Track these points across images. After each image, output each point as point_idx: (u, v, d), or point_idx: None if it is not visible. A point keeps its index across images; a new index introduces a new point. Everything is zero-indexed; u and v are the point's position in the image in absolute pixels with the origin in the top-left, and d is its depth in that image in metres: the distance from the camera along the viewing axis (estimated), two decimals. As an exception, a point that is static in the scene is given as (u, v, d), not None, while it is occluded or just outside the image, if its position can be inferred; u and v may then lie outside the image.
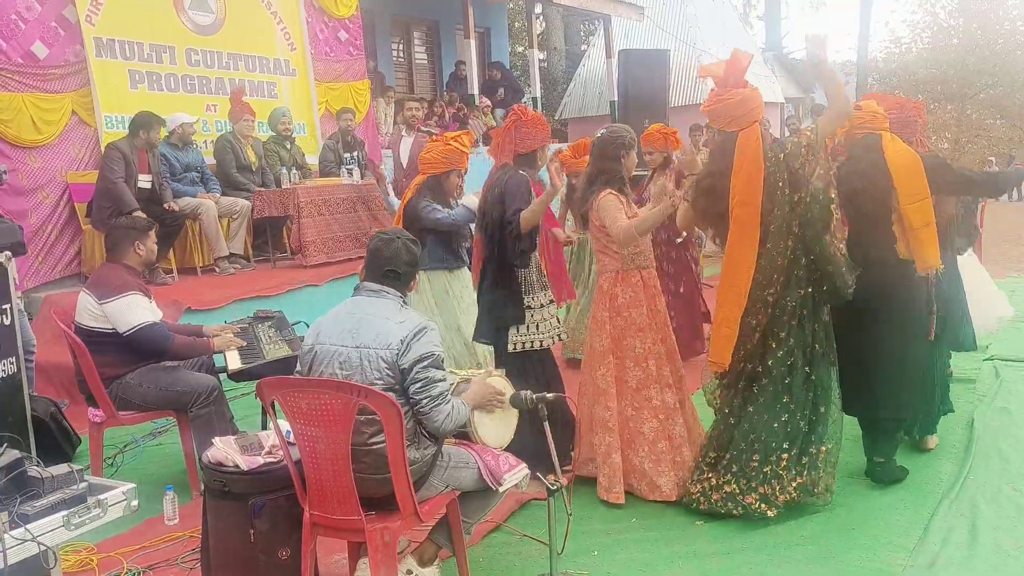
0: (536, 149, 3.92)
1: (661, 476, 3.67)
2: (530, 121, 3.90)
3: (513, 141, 3.89)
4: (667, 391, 3.73)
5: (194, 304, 5.88)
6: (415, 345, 2.64)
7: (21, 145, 6.30)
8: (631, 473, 3.72)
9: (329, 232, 7.23)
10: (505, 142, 3.91)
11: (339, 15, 9.19)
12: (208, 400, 3.84)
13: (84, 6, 6.75)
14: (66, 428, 4.45)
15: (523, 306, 3.85)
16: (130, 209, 6.03)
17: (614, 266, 3.74)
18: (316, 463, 2.61)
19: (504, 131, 3.93)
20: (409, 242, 2.86)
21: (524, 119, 3.89)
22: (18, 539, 1.91)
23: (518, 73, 16.86)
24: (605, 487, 3.68)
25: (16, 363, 3.20)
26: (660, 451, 3.68)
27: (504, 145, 3.92)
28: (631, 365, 3.71)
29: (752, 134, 3.38)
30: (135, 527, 3.46)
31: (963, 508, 3.52)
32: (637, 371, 3.71)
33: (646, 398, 3.71)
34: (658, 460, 3.68)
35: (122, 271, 3.87)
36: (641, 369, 3.71)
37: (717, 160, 3.52)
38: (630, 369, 3.71)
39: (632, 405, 3.72)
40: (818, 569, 3.11)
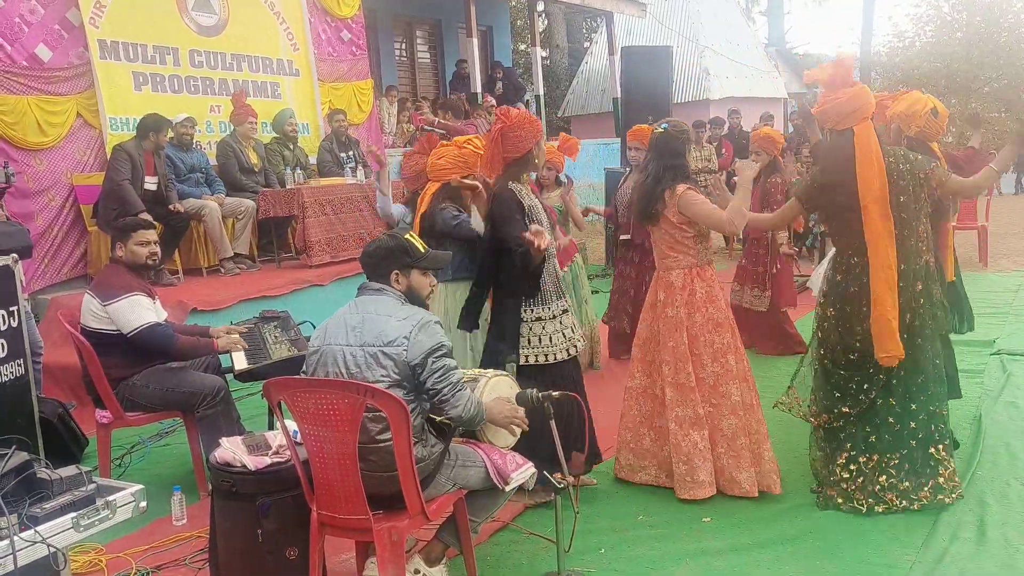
0: (530, 149, 3.60)
1: (741, 472, 3.64)
2: (516, 123, 3.56)
3: (502, 149, 3.57)
4: (744, 386, 3.70)
5: (200, 305, 5.89)
6: (421, 338, 2.64)
7: (26, 148, 6.31)
8: None
9: (333, 232, 7.24)
10: (494, 153, 3.59)
11: (342, 15, 9.20)
12: (215, 401, 3.85)
13: (88, 8, 6.77)
14: (74, 429, 4.46)
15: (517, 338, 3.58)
16: (136, 210, 6.04)
17: (688, 262, 3.67)
18: (323, 463, 2.62)
19: (491, 142, 3.60)
20: (385, 235, 2.94)
21: (509, 123, 3.55)
22: (28, 541, 1.92)
23: (520, 71, 16.84)
24: (708, 483, 3.61)
25: (24, 365, 3.20)
26: (739, 447, 3.64)
27: (494, 157, 3.61)
28: (708, 361, 3.65)
29: (867, 129, 3.44)
30: (143, 528, 3.48)
31: (971, 503, 3.51)
32: (715, 367, 3.66)
33: (724, 394, 3.66)
34: (737, 456, 3.64)
35: (124, 272, 3.88)
36: (720, 365, 3.66)
37: (833, 158, 3.54)
38: (707, 365, 3.65)
39: (710, 402, 3.66)
40: (826, 565, 3.10)
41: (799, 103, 4.19)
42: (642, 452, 3.82)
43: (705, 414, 3.65)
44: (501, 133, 3.57)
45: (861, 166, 3.38)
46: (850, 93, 3.45)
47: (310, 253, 7.06)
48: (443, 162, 4.09)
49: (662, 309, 3.71)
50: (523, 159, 3.61)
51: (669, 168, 3.64)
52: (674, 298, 3.67)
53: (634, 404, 3.85)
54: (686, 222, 3.61)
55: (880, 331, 3.41)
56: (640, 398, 3.83)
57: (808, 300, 7.87)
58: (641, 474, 3.83)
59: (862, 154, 3.39)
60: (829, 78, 3.50)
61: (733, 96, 16.71)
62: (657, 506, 3.66)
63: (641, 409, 3.82)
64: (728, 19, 19.25)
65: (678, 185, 3.61)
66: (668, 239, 3.68)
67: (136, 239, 3.91)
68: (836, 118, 3.48)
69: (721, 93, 16.95)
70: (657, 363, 3.75)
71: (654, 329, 3.76)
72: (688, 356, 3.64)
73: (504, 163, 3.61)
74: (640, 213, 3.75)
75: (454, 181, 4.00)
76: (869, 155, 3.38)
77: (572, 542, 3.03)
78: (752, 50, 19.58)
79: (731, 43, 18.52)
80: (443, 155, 4.11)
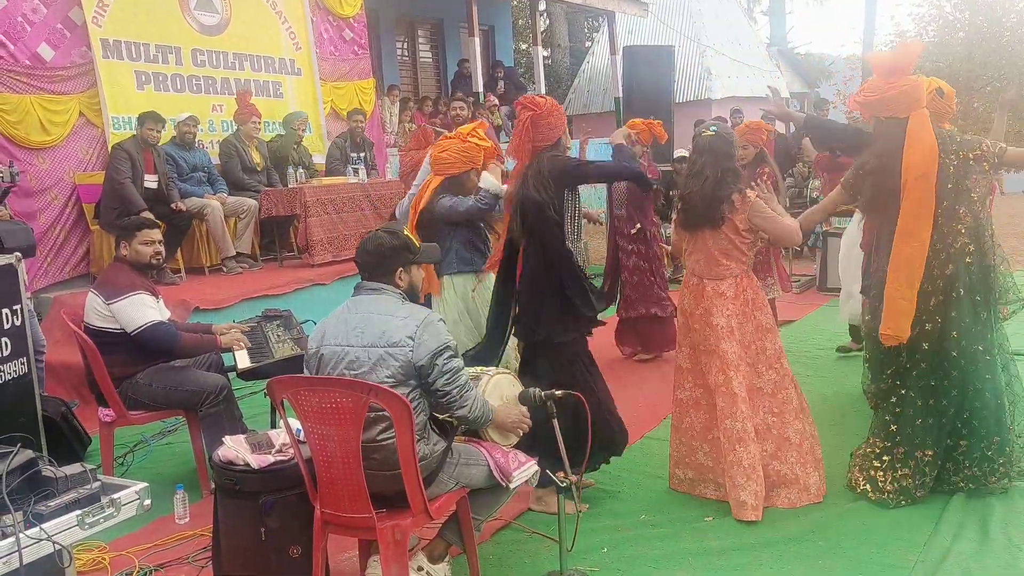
0: (559, 137, 3.60)
1: (810, 477, 3.57)
2: (546, 111, 3.55)
3: (532, 137, 3.55)
4: (797, 390, 3.64)
5: (202, 304, 5.90)
6: (426, 339, 2.64)
7: (29, 146, 6.33)
8: (778, 484, 3.56)
9: (335, 231, 7.25)
10: (523, 141, 3.58)
11: (343, 14, 9.20)
12: (217, 399, 3.85)
13: (91, 7, 6.78)
14: (77, 428, 4.47)
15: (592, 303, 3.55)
16: (138, 209, 6.06)
17: (739, 270, 3.58)
18: (327, 461, 2.62)
19: (521, 129, 3.58)
20: (382, 232, 2.84)
21: (540, 111, 3.54)
22: (33, 538, 1.92)
23: (522, 71, 16.84)
24: (752, 505, 3.42)
25: (27, 363, 3.21)
26: (806, 452, 3.58)
27: (522, 145, 3.59)
28: (764, 369, 3.56)
29: (923, 116, 3.45)
30: (146, 526, 3.48)
31: (974, 503, 3.51)
32: (771, 374, 3.57)
33: (785, 400, 3.57)
34: (805, 462, 3.57)
35: (128, 271, 3.88)
36: (775, 371, 3.57)
37: (883, 143, 3.53)
38: (764, 373, 3.56)
39: (772, 411, 3.56)
40: (829, 564, 3.10)
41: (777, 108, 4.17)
42: (697, 466, 3.70)
43: (771, 424, 3.55)
44: (532, 121, 3.52)
45: (910, 145, 3.39)
46: (914, 82, 3.45)
47: (312, 252, 7.07)
48: (447, 155, 4.01)
49: (706, 317, 3.58)
50: (553, 148, 3.57)
51: (728, 171, 3.54)
52: (725, 307, 3.55)
53: (685, 416, 3.73)
54: (749, 229, 3.54)
55: (890, 306, 3.40)
56: (692, 410, 3.71)
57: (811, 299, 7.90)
58: (700, 487, 3.71)
59: (913, 138, 3.39)
60: (890, 65, 3.49)
61: (735, 96, 16.69)
62: (660, 505, 3.66)
63: (694, 421, 3.70)
64: (730, 19, 19.23)
65: (747, 191, 3.53)
66: (725, 245, 3.55)
67: (140, 238, 3.91)
68: (896, 105, 3.46)
69: (723, 93, 16.94)
70: (702, 372, 3.65)
71: (699, 339, 3.63)
72: (739, 365, 3.52)
73: (533, 152, 3.57)
74: (699, 218, 3.57)
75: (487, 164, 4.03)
76: (920, 136, 3.39)
77: (575, 541, 3.03)
78: (754, 50, 19.57)
79: (733, 43, 18.51)
80: (447, 148, 4.03)
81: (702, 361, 3.63)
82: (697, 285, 3.64)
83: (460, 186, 4.03)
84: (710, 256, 3.59)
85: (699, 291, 3.63)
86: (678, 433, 3.77)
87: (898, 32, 17.76)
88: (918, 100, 3.45)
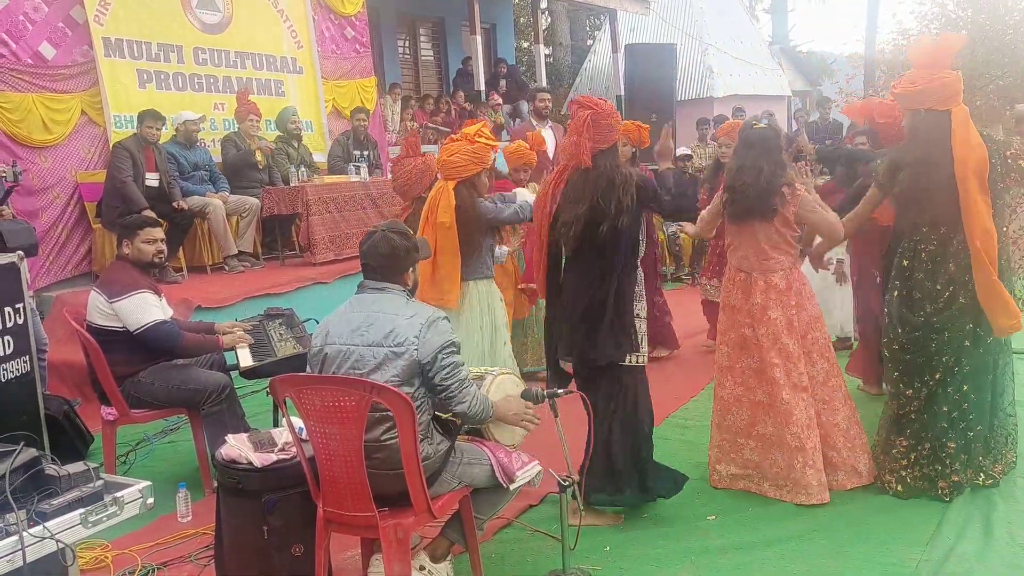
0: (616, 140, 3.40)
1: (859, 461, 3.66)
2: (607, 111, 3.36)
3: (591, 138, 3.33)
4: (843, 378, 3.70)
5: (204, 302, 5.90)
6: (431, 337, 2.64)
7: (31, 145, 6.32)
8: (829, 469, 3.62)
9: (337, 229, 7.25)
10: (582, 142, 3.33)
11: (345, 12, 9.20)
12: (220, 398, 3.85)
13: (92, 6, 6.77)
14: (79, 426, 4.47)
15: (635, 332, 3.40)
16: (139, 208, 6.06)
17: (789, 262, 3.62)
18: (329, 460, 2.62)
19: (580, 129, 3.34)
20: (392, 234, 2.80)
21: (601, 111, 3.34)
22: (37, 537, 1.93)
23: (523, 69, 16.82)
24: (818, 488, 3.51)
25: (30, 362, 3.21)
26: (854, 437, 3.66)
27: (581, 146, 3.33)
28: (817, 358, 3.63)
29: (965, 111, 3.48)
30: (148, 524, 3.48)
31: (977, 502, 3.51)
32: (823, 363, 3.64)
33: (835, 388, 3.65)
34: (853, 447, 3.66)
35: (131, 269, 3.88)
36: (826, 360, 3.65)
37: (925, 138, 3.54)
38: (816, 363, 3.63)
39: (822, 399, 3.63)
40: (831, 563, 3.10)
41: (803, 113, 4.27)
42: (744, 462, 3.73)
43: (820, 411, 3.60)
44: (592, 121, 3.31)
45: (959, 143, 3.40)
46: (955, 75, 3.47)
47: (314, 251, 7.07)
48: (456, 159, 3.83)
49: (761, 313, 3.59)
50: (609, 152, 3.38)
51: (779, 164, 3.56)
52: (779, 300, 3.58)
53: (728, 414, 3.76)
54: (796, 222, 3.57)
55: (990, 303, 3.42)
56: (734, 407, 3.74)
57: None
58: (744, 482, 3.74)
59: (960, 132, 3.41)
60: (931, 58, 3.51)
61: (737, 94, 16.67)
62: (662, 504, 3.65)
63: (737, 418, 3.73)
64: (732, 16, 19.19)
65: (796, 184, 3.55)
66: (775, 238, 3.57)
67: (143, 237, 3.90)
68: (937, 98, 3.48)
69: (725, 91, 16.91)
70: (755, 369, 3.66)
71: (747, 334, 3.65)
72: (800, 356, 3.58)
73: (591, 154, 3.34)
74: (749, 210, 3.56)
75: None
76: (967, 133, 3.41)
77: (578, 540, 3.03)
78: (756, 48, 19.53)
79: (735, 40, 18.47)
80: (455, 151, 3.84)
81: (753, 356, 3.65)
82: (745, 280, 3.65)
83: (473, 189, 3.86)
84: (759, 250, 3.60)
85: (749, 286, 3.64)
86: (721, 430, 3.79)
87: (900, 30, 17.73)
88: (957, 94, 3.48)
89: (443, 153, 3.92)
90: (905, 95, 3.60)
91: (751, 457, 3.72)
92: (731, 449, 3.77)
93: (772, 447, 3.64)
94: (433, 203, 3.84)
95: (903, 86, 3.59)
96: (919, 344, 3.56)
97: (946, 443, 3.53)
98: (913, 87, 3.54)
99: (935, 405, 3.56)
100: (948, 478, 3.52)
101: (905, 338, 3.59)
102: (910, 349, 3.58)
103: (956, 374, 3.54)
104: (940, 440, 3.54)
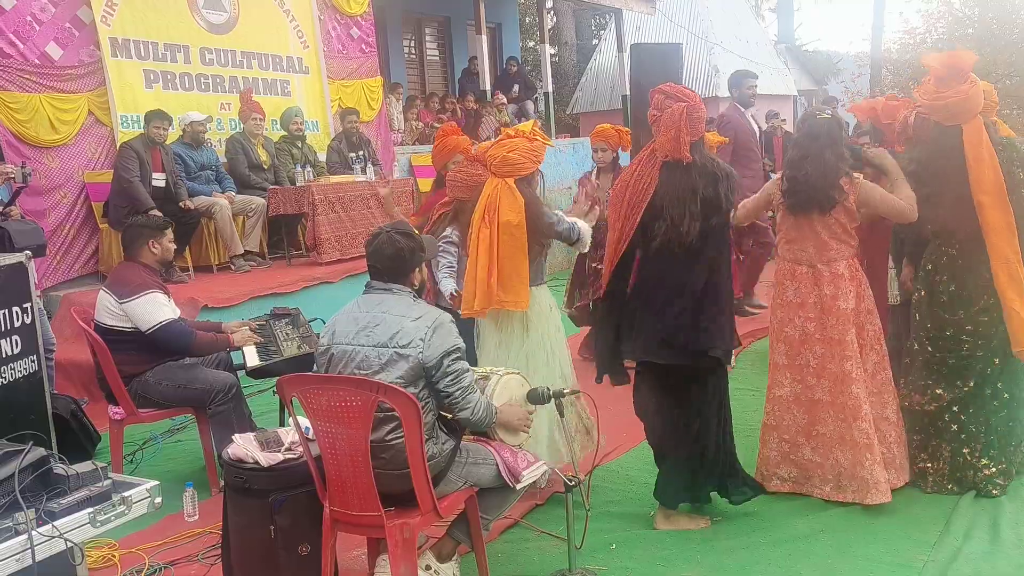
0: (704, 133, 3.31)
1: (904, 456, 3.61)
2: (698, 102, 3.23)
3: (689, 131, 3.18)
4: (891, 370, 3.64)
5: (210, 302, 5.92)
6: (436, 340, 2.65)
7: (39, 145, 6.34)
8: None
9: (343, 229, 7.26)
10: (681, 134, 3.17)
11: (351, 12, 9.20)
12: (227, 397, 3.87)
13: (99, 6, 6.79)
14: (86, 425, 4.49)
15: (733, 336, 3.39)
16: (146, 208, 6.08)
17: (850, 251, 3.54)
18: (336, 459, 2.62)
19: (677, 122, 3.17)
20: (397, 235, 2.79)
21: (694, 102, 3.21)
22: (46, 536, 1.94)
23: (529, 68, 16.82)
24: (885, 486, 3.43)
25: (37, 361, 3.23)
26: (900, 431, 3.61)
27: (681, 138, 3.17)
28: (868, 351, 3.56)
29: (978, 125, 3.45)
30: (156, 524, 3.49)
31: (984, 503, 3.50)
32: (873, 355, 3.56)
33: (885, 381, 3.58)
34: (900, 442, 3.59)
35: (140, 270, 3.90)
36: (876, 352, 3.58)
37: (936, 151, 3.54)
38: (868, 355, 3.56)
39: (873, 392, 3.53)
40: (838, 563, 3.09)
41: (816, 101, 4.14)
42: (804, 463, 3.62)
43: (872, 404, 3.52)
44: (687, 113, 3.18)
45: (972, 162, 3.38)
46: (972, 91, 3.42)
47: (320, 250, 7.08)
48: (515, 156, 3.59)
49: (831, 303, 3.51)
50: (700, 142, 3.26)
51: (842, 157, 3.49)
52: (846, 289, 3.50)
53: (786, 414, 3.64)
54: (855, 212, 3.51)
55: (1013, 325, 3.42)
56: (792, 407, 3.62)
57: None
58: (807, 486, 3.63)
59: (972, 150, 3.39)
60: (944, 71, 3.46)
61: (742, 93, 16.63)
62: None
63: (795, 419, 3.61)
64: (738, 16, 19.16)
65: (854, 172, 3.50)
66: (836, 229, 3.50)
67: (169, 236, 3.98)
68: (946, 114, 3.47)
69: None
70: (816, 366, 3.56)
71: (810, 329, 3.56)
72: (858, 349, 3.51)
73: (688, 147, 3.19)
74: (810, 202, 3.48)
75: None
76: (980, 151, 3.38)
77: (584, 540, 3.03)
78: (762, 47, 19.49)
79: (741, 40, 18.43)
80: (515, 148, 3.61)
81: (815, 352, 3.56)
82: (809, 274, 3.57)
83: (526, 187, 3.64)
84: (820, 241, 3.53)
85: (813, 279, 3.56)
86: (777, 432, 3.68)
87: (907, 29, 17.68)
88: (970, 110, 3.45)
89: (500, 149, 3.66)
90: (934, 109, 3.55)
91: (812, 458, 3.60)
92: (790, 450, 3.65)
93: (833, 446, 3.53)
94: (492, 202, 3.56)
95: (931, 99, 3.52)
96: (950, 345, 3.57)
97: (982, 441, 3.55)
98: (940, 102, 3.49)
99: (971, 405, 3.58)
100: (980, 471, 3.55)
101: (935, 336, 3.60)
102: (942, 348, 3.60)
103: (991, 374, 3.56)
104: (976, 440, 3.56)
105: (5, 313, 3.11)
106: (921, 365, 3.69)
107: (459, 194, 3.91)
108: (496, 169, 3.61)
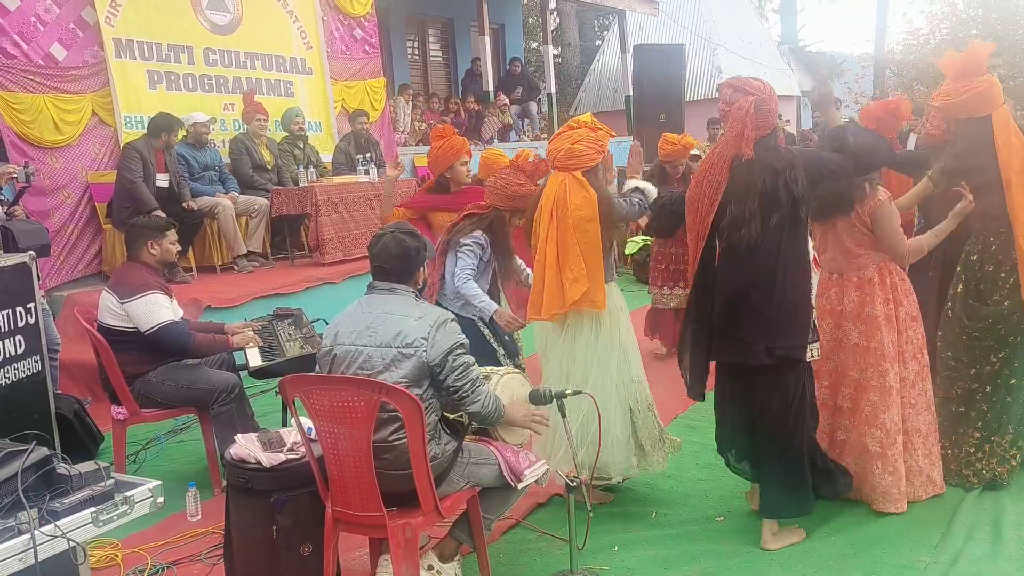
0: (774, 127, 3.16)
1: (934, 469, 3.55)
2: (768, 95, 3.11)
3: (755, 124, 3.06)
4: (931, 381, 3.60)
5: (213, 302, 5.92)
6: (440, 338, 2.65)
7: (43, 146, 6.37)
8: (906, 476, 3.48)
9: (346, 230, 7.28)
10: (748, 128, 3.05)
11: (354, 13, 9.22)
12: (229, 397, 3.87)
13: (103, 7, 6.81)
14: (89, 425, 4.50)
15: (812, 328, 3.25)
16: (150, 208, 6.09)
17: (880, 256, 3.46)
18: (338, 460, 2.63)
19: (744, 116, 3.05)
20: (402, 235, 2.79)
21: (764, 95, 3.09)
22: (48, 535, 1.94)
23: (532, 69, 16.82)
24: (898, 497, 3.41)
25: (41, 361, 3.24)
26: (931, 443, 3.54)
27: (749, 133, 3.05)
28: (908, 359, 3.50)
29: (1005, 113, 3.56)
30: (158, 523, 3.50)
31: (986, 504, 3.49)
32: (914, 364, 3.51)
33: (922, 391, 3.53)
34: (930, 453, 3.54)
35: (142, 270, 3.90)
36: (917, 362, 3.52)
37: (970, 143, 3.60)
38: (908, 363, 3.49)
39: (908, 402, 3.49)
40: (840, 564, 3.09)
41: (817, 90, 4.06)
42: None
43: (906, 415, 3.47)
44: (755, 107, 3.05)
45: (1001, 145, 3.49)
46: (989, 82, 3.54)
47: (323, 251, 7.09)
48: (581, 147, 3.43)
49: (858, 310, 3.46)
50: (770, 136, 3.14)
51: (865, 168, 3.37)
52: (873, 295, 3.44)
53: None
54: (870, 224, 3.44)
55: None
56: (820, 411, 3.50)
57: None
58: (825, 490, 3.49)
59: (1002, 134, 3.51)
60: (961, 69, 3.57)
61: (746, 94, 16.63)
62: (671, 505, 3.65)
63: (822, 424, 3.52)
64: (741, 17, 19.17)
65: (877, 190, 3.42)
66: (855, 235, 3.46)
67: (170, 238, 3.98)
68: (973, 107, 3.57)
69: (733, 91, 16.88)
70: (841, 372, 3.53)
71: (842, 335, 3.51)
72: (896, 356, 3.44)
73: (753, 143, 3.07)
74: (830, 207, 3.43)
75: None
76: (1008, 135, 3.52)
77: (586, 541, 3.03)
78: (765, 48, 19.50)
79: (744, 41, 18.44)
80: (580, 139, 3.46)
81: (841, 358, 3.52)
82: (838, 281, 3.55)
83: (594, 179, 3.49)
84: (845, 248, 3.50)
85: (842, 286, 3.53)
86: None
87: (911, 30, 17.68)
88: (996, 98, 3.54)
89: (563, 142, 3.51)
90: (947, 108, 3.69)
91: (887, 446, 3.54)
92: None
93: (845, 452, 3.52)
94: (559, 197, 3.41)
95: (942, 99, 3.66)
96: (987, 331, 3.62)
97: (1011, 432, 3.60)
98: (951, 100, 3.62)
99: (1006, 392, 3.60)
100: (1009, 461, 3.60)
101: (973, 328, 3.64)
102: (979, 337, 3.63)
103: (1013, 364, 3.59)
104: (1013, 425, 3.61)
105: (9, 313, 3.12)
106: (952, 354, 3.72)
107: (498, 202, 3.80)
108: (561, 163, 3.47)
